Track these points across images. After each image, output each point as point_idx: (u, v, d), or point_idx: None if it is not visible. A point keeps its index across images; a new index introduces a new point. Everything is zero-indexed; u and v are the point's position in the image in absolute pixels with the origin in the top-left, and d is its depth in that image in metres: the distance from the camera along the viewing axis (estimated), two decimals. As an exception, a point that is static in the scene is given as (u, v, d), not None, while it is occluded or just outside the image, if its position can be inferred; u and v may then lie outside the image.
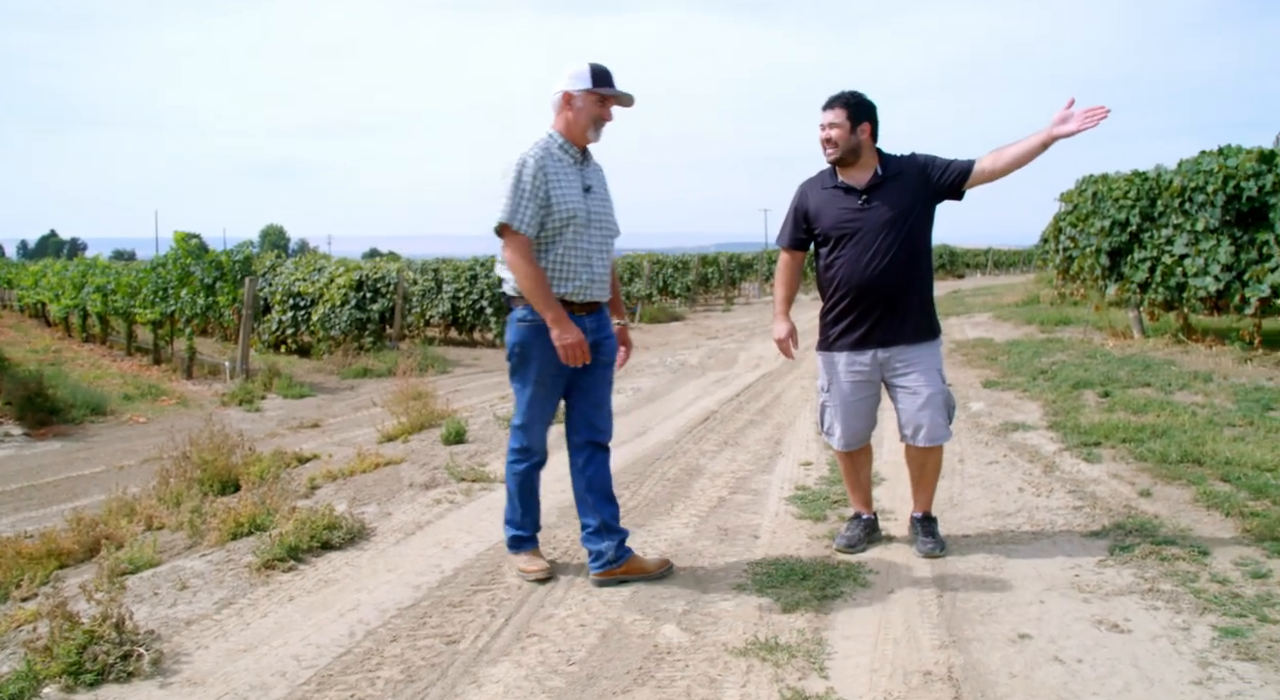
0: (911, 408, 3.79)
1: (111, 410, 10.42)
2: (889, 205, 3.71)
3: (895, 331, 3.77)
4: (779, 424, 6.92)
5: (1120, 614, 3.16)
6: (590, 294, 3.57)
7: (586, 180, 3.58)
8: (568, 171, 3.52)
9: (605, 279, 3.64)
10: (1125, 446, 5.50)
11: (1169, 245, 10.04)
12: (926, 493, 3.97)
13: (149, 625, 3.26)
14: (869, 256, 3.71)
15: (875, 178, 3.76)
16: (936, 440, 3.81)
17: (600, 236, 3.61)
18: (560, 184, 3.47)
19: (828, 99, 3.78)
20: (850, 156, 3.75)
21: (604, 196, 3.67)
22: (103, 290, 16.62)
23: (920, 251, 3.78)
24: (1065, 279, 13.35)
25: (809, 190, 3.91)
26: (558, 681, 2.82)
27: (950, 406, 3.87)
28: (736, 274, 31.10)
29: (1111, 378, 7.93)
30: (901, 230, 3.71)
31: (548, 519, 4.49)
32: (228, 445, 5.99)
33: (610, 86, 3.54)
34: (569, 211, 3.47)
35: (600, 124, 3.57)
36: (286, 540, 4.00)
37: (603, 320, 3.67)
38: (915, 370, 3.77)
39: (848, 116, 3.71)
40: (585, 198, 3.54)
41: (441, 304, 16.96)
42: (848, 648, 2.99)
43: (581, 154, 3.60)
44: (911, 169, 3.77)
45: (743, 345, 13.60)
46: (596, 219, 3.59)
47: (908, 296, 3.75)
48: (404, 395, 7.67)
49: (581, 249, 3.53)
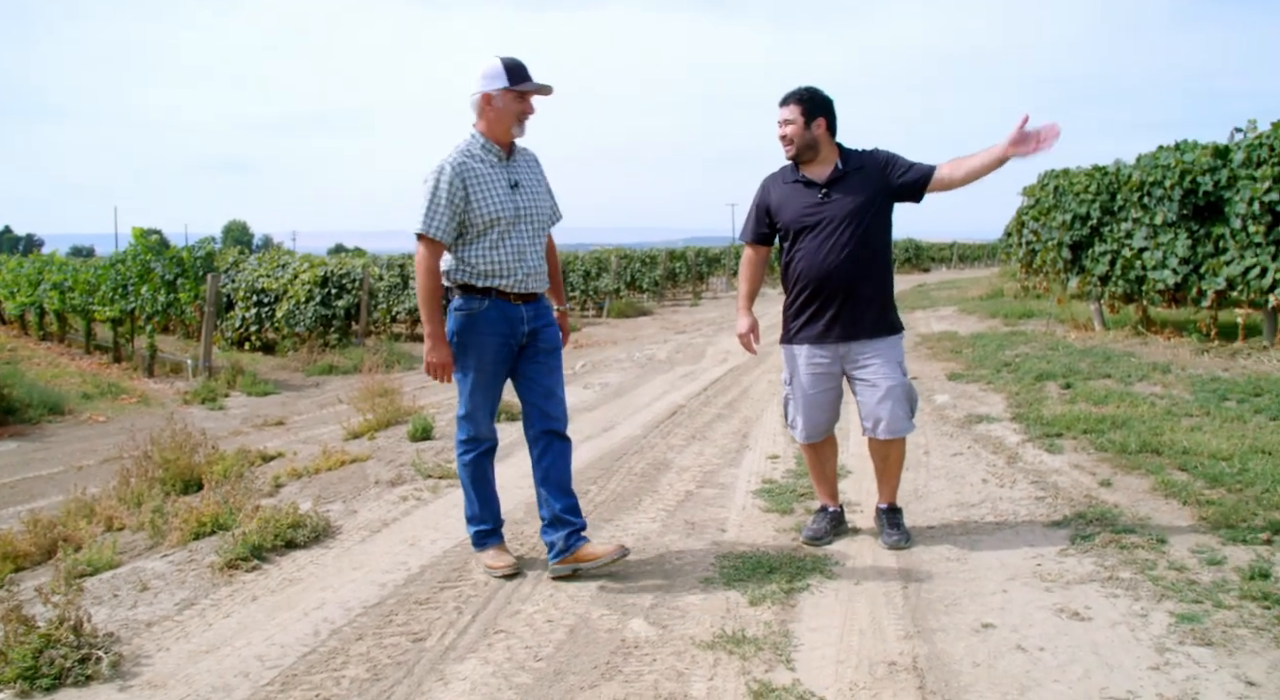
0: (871, 400, 3.82)
1: (70, 409, 10.24)
2: (849, 199, 3.73)
3: (854, 325, 3.79)
4: (746, 418, 6.95)
5: (1081, 602, 3.21)
6: (526, 286, 3.61)
7: (514, 176, 3.60)
8: (491, 172, 3.55)
9: (540, 270, 3.67)
10: (1086, 437, 5.58)
11: (1128, 239, 10.21)
12: (890, 484, 4.00)
13: (108, 627, 3.21)
14: (828, 249, 3.74)
15: (835, 172, 3.78)
16: (897, 433, 3.84)
17: (531, 230, 3.64)
18: (481, 186, 3.51)
19: (783, 96, 3.80)
20: (808, 152, 3.77)
21: (535, 189, 3.67)
22: (60, 287, 16.31)
23: (880, 246, 3.80)
24: (1028, 272, 13.54)
25: (771, 185, 3.93)
26: (525, 678, 2.81)
27: (912, 399, 3.89)
28: (704, 268, 31.19)
29: (1073, 369, 8.05)
30: (861, 224, 3.73)
31: (514, 515, 4.48)
32: (190, 444, 5.91)
33: (526, 81, 3.54)
34: (493, 214, 3.52)
35: (523, 119, 3.58)
36: (250, 539, 3.95)
37: (541, 309, 3.70)
38: (875, 363, 3.80)
39: (801, 112, 3.73)
40: (513, 194, 3.58)
41: (408, 300, 16.83)
42: (814, 639, 3.01)
43: (507, 152, 3.61)
44: (873, 165, 3.78)
45: (710, 340, 13.63)
46: (526, 213, 3.61)
47: (867, 290, 3.77)
48: (370, 392, 7.60)
49: (511, 245, 3.57)
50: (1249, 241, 8.34)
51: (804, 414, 3.93)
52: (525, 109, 3.57)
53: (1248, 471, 4.57)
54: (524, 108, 3.56)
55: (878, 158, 3.80)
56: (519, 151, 3.68)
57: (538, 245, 3.67)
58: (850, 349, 3.81)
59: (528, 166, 3.69)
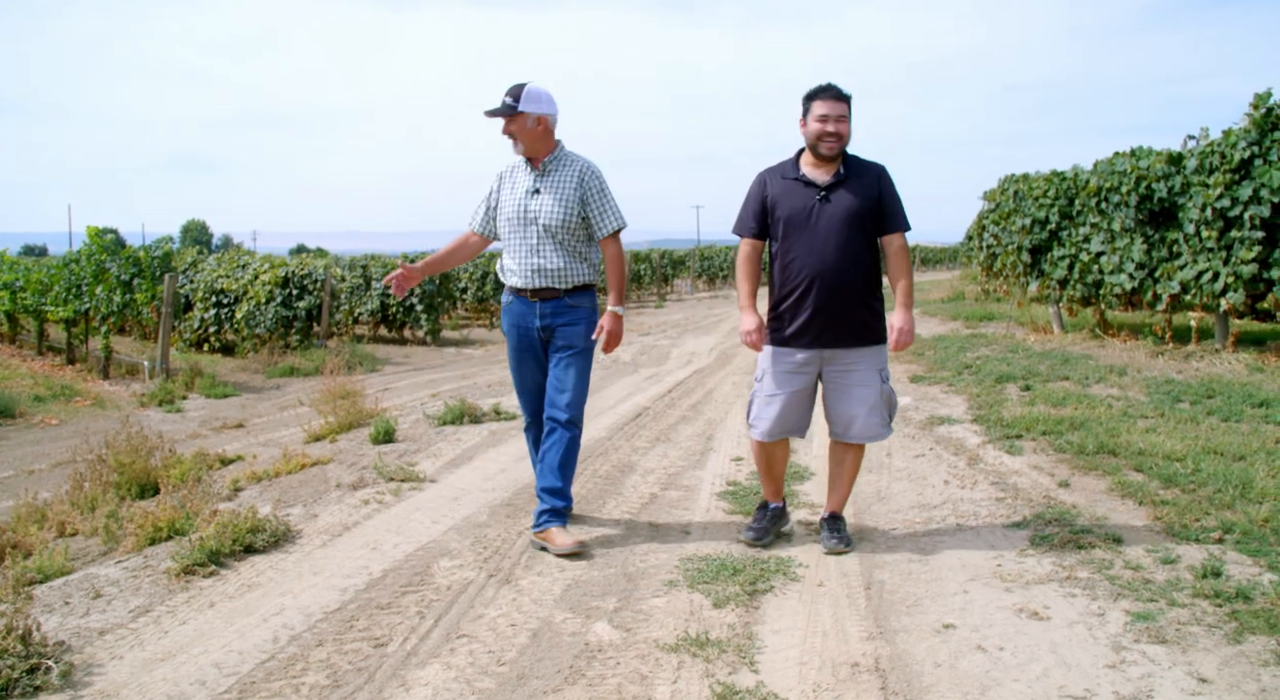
0: (846, 404, 3.81)
1: (21, 412, 10.01)
2: (845, 205, 3.70)
3: (838, 332, 3.75)
4: (710, 420, 6.96)
5: (1040, 602, 3.25)
6: (534, 283, 4.00)
7: (537, 185, 4.02)
8: (521, 179, 4.07)
9: (549, 271, 3.99)
10: (1045, 438, 5.66)
11: (1086, 243, 10.38)
12: (840, 492, 3.98)
13: (59, 636, 3.13)
14: (820, 253, 3.70)
15: (837, 176, 3.74)
16: (870, 438, 3.85)
17: (540, 233, 3.99)
18: (506, 190, 4.09)
19: (829, 88, 3.71)
20: (841, 152, 3.75)
21: (556, 198, 3.99)
22: (10, 287, 15.94)
23: (871, 255, 3.78)
24: (989, 276, 13.73)
25: (769, 178, 3.86)
26: (488, 682, 2.79)
27: (891, 407, 3.89)
28: (669, 271, 31.22)
29: (1032, 372, 8.17)
30: (854, 231, 3.71)
31: (477, 517, 4.46)
32: (146, 447, 5.80)
33: (493, 112, 3.97)
34: (504, 214, 4.07)
35: (513, 141, 4.01)
36: (207, 544, 3.88)
37: (560, 307, 4.01)
38: (857, 369, 3.79)
39: (848, 110, 3.72)
40: (528, 200, 4.01)
41: (370, 301, 16.67)
42: (777, 641, 3.02)
43: (535, 164, 4.04)
44: (870, 176, 3.77)
45: (675, 342, 13.65)
46: (535, 217, 3.99)
47: (854, 298, 3.74)
48: (332, 394, 7.52)
49: (519, 245, 4.03)
50: (1201, 246, 8.52)
51: (773, 414, 3.86)
52: (506, 130, 3.98)
53: (1200, 472, 4.66)
54: (505, 130, 3.98)
55: (874, 173, 3.78)
56: (555, 161, 4.04)
57: (548, 247, 3.99)
58: (835, 354, 3.79)
59: (559, 178, 4.02)
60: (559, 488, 3.96)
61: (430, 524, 4.38)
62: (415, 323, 16.22)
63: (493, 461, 5.67)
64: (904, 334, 3.74)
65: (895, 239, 3.80)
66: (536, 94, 3.95)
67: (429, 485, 5.11)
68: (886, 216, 3.77)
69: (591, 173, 4.04)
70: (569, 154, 4.09)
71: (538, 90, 3.96)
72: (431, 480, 5.21)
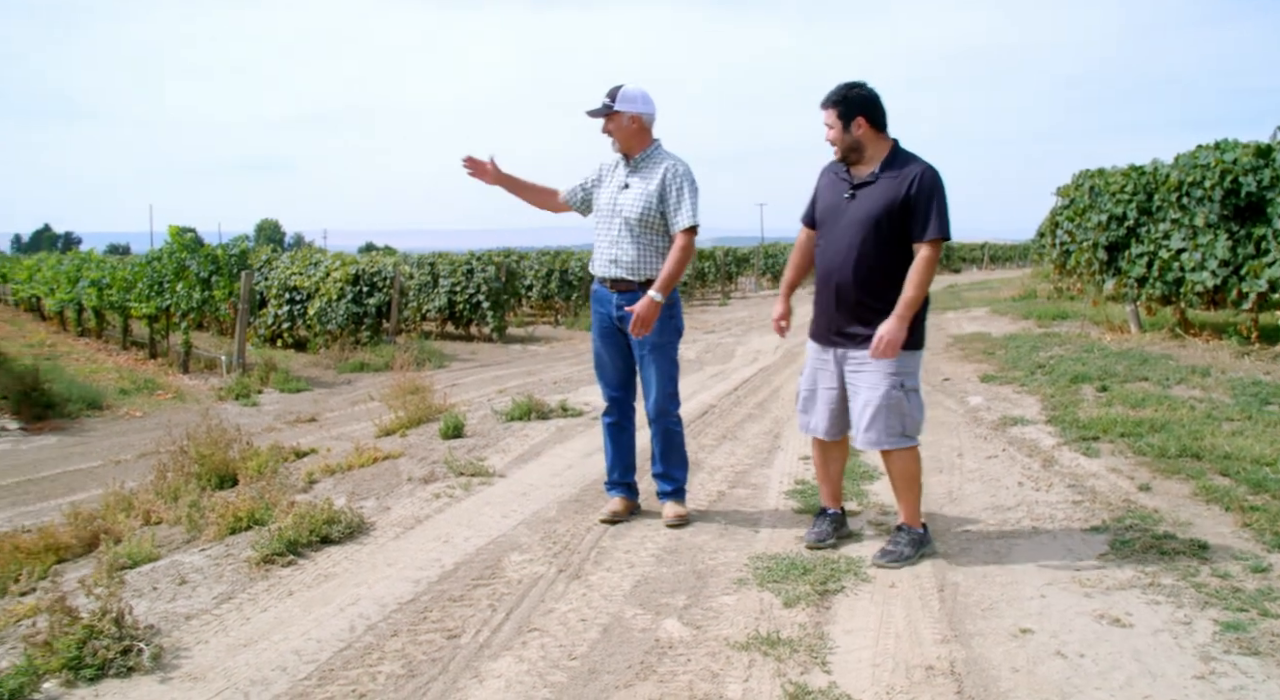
0: (855, 408, 3.72)
1: (107, 404, 10.39)
2: (865, 206, 3.62)
3: (848, 332, 3.69)
4: (777, 418, 6.92)
5: (1121, 608, 3.16)
6: (611, 272, 4.20)
7: (627, 180, 4.19)
8: (617, 173, 4.26)
9: (625, 262, 4.15)
10: (1124, 441, 5.50)
11: (1166, 240, 10.05)
12: (901, 502, 3.81)
13: (148, 620, 3.25)
14: (835, 251, 3.68)
15: (871, 175, 3.66)
16: (873, 446, 3.68)
17: (621, 226, 4.16)
18: (603, 183, 4.30)
19: (821, 98, 3.71)
20: (853, 154, 3.67)
21: (641, 193, 4.13)
22: (98, 284, 16.55)
23: (892, 259, 3.59)
24: (1062, 273, 13.38)
25: (825, 171, 3.86)
26: (559, 676, 2.81)
27: (903, 416, 3.63)
28: (733, 268, 31.10)
29: (1109, 372, 7.94)
30: (870, 232, 3.59)
31: (546, 512, 4.50)
32: (225, 439, 5.97)
33: (593, 111, 4.17)
34: (598, 204, 4.29)
35: (611, 138, 4.19)
36: (285, 535, 3.99)
37: (633, 300, 4.10)
38: (864, 373, 3.66)
39: (838, 115, 3.64)
40: (618, 193, 4.20)
41: (438, 298, 16.92)
42: (849, 642, 2.99)
43: (628, 160, 4.22)
44: (903, 178, 3.57)
45: (740, 339, 13.60)
46: (619, 210, 4.17)
47: (866, 300, 3.62)
48: (401, 389, 7.64)
49: (602, 235, 4.25)
50: (1292, 243, 8.18)
51: (804, 407, 3.90)
52: (605, 129, 4.18)
53: (1292, 477, 4.48)
54: (604, 129, 4.18)
55: (912, 174, 3.57)
56: (648, 159, 4.19)
57: (626, 240, 4.15)
58: (847, 354, 3.71)
59: (646, 173, 4.16)
60: (662, 472, 4.34)
61: (500, 518, 4.44)
62: (481, 320, 16.42)
63: (560, 457, 5.72)
64: (880, 341, 3.50)
65: (920, 248, 3.55)
66: (632, 95, 4.12)
67: (498, 480, 5.17)
68: (912, 222, 3.56)
69: (676, 170, 4.14)
70: (663, 152, 4.22)
71: (633, 91, 4.13)
72: (500, 475, 5.28)
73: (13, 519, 5.80)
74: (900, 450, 3.69)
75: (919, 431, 3.73)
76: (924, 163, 3.61)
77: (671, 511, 4.26)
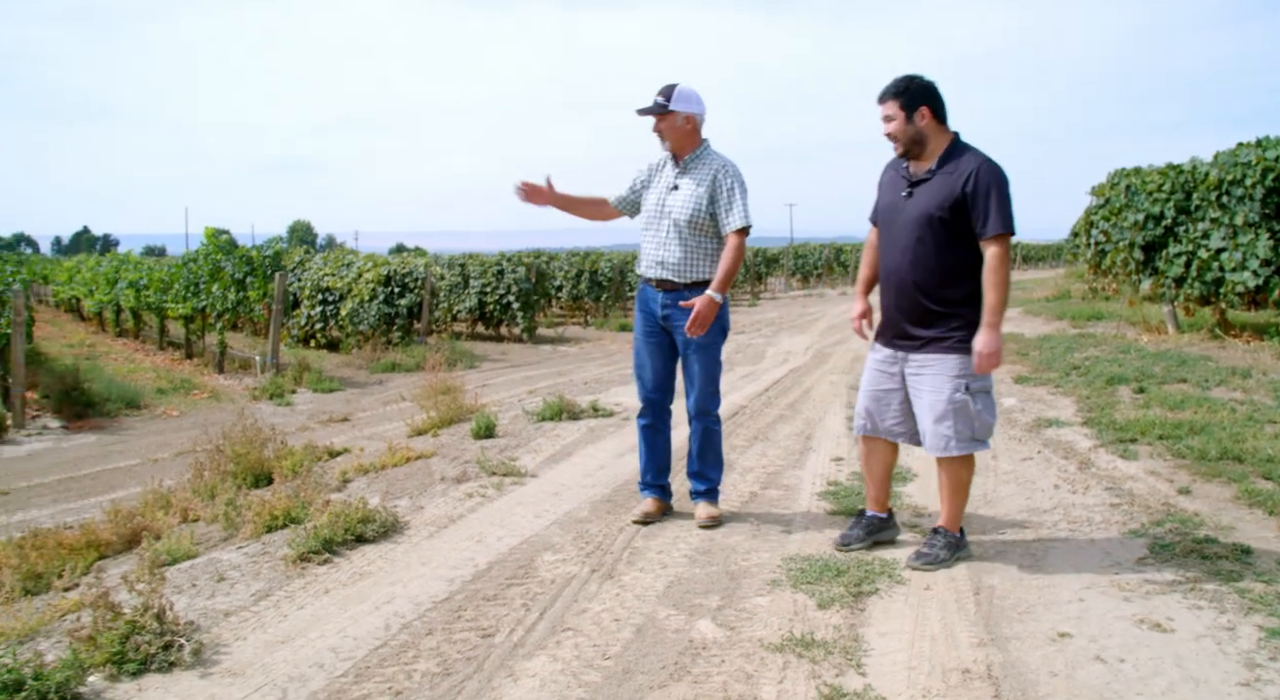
0: (920, 412, 3.65)
1: (145, 404, 10.56)
2: (920, 204, 3.53)
3: (908, 334, 3.62)
4: (809, 419, 6.89)
5: (1162, 613, 3.12)
6: (653, 272, 4.20)
7: (676, 181, 4.18)
8: (666, 174, 4.25)
9: (670, 263, 4.14)
10: (1162, 443, 5.42)
11: (1205, 239, 9.90)
12: (945, 506, 3.73)
13: (188, 616, 3.30)
14: (894, 251, 3.63)
15: (929, 172, 3.55)
16: (939, 451, 3.58)
17: (670, 226, 4.14)
18: (652, 183, 4.29)
19: (880, 90, 3.59)
20: (915, 148, 3.56)
21: (691, 194, 4.12)
22: (135, 286, 16.81)
23: (953, 258, 3.50)
24: (1097, 274, 13.21)
25: (886, 167, 3.78)
26: (593, 676, 2.82)
27: (970, 419, 3.53)
28: (762, 269, 31.00)
29: (1146, 373, 7.83)
30: (926, 231, 3.50)
31: (578, 512, 4.51)
32: (260, 439, 6.04)
33: (644, 110, 4.13)
34: (646, 205, 4.28)
35: (660, 137, 4.17)
36: (321, 533, 4.03)
37: (679, 300, 4.11)
38: (925, 376, 3.58)
39: (900, 106, 3.51)
40: (666, 193, 4.19)
41: (469, 299, 17.02)
42: (884, 645, 2.97)
43: (677, 160, 4.21)
44: (959, 174, 3.46)
45: (770, 340, 13.55)
46: (669, 212, 4.15)
47: (921, 301, 3.55)
48: (432, 389, 7.70)
49: (650, 236, 4.22)
50: (1335, 242, 8.03)
51: (861, 407, 3.83)
52: (656, 128, 4.14)
53: (1337, 481, 4.39)
54: (655, 128, 4.15)
55: (968, 169, 3.45)
56: (697, 160, 4.18)
57: (673, 241, 4.14)
58: (908, 357, 3.64)
59: (695, 174, 4.15)
60: (699, 471, 4.34)
61: (532, 518, 4.45)
62: (511, 320, 16.50)
63: (592, 458, 5.73)
64: (981, 358, 3.43)
65: (986, 246, 3.43)
66: (686, 94, 4.10)
67: (530, 480, 5.19)
68: (973, 219, 3.44)
69: (726, 171, 4.14)
70: (712, 152, 4.21)
71: (687, 90, 4.11)
72: (532, 475, 5.30)
73: (55, 515, 5.91)
74: (958, 456, 3.60)
75: (989, 434, 3.62)
76: (982, 156, 3.50)
77: (704, 513, 4.26)
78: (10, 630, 3.32)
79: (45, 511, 6.13)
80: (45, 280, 31.01)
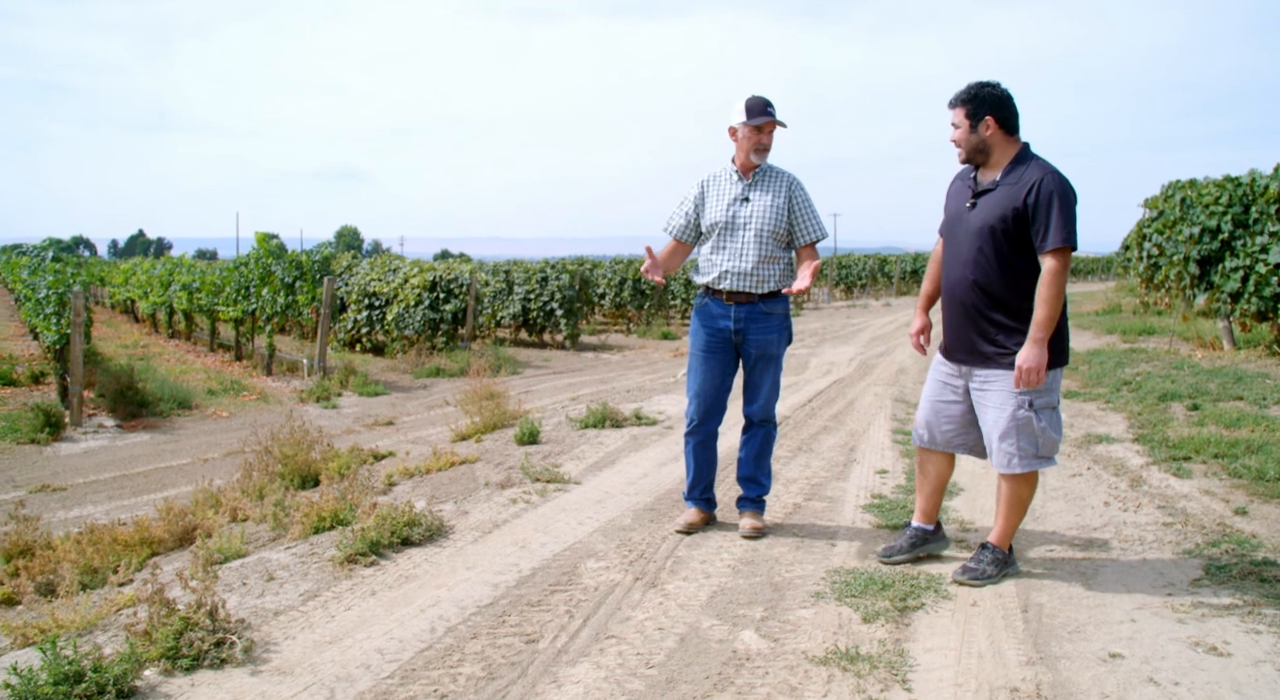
0: (985, 428, 3.60)
1: (196, 404, 10.78)
2: (983, 215, 3.48)
3: (971, 349, 3.57)
4: (853, 431, 6.84)
5: (1218, 636, 3.04)
6: (725, 283, 4.16)
7: (745, 194, 4.19)
8: (728, 187, 4.23)
9: (745, 272, 4.13)
10: (1218, 462, 5.30)
11: (1264, 253, 9.67)
12: (999, 521, 3.67)
13: (239, 614, 3.36)
14: (957, 263, 3.59)
15: (991, 183, 3.51)
16: (1004, 468, 3.53)
17: (746, 238, 4.14)
18: (714, 197, 4.24)
19: (951, 96, 3.57)
20: (979, 156, 3.53)
21: (766, 205, 4.15)
22: (188, 288, 17.19)
23: (1012, 274, 3.45)
24: (1149, 288, 12.95)
25: (955, 178, 3.75)
26: (637, 684, 2.82)
27: (1035, 436, 3.47)
28: (805, 279, 30.83)
29: (1201, 390, 7.66)
30: (987, 243, 3.46)
31: (621, 520, 4.52)
32: (307, 441, 6.14)
33: (761, 116, 4.08)
34: (711, 220, 4.21)
35: (760, 149, 4.14)
36: (368, 535, 4.08)
37: (754, 313, 4.16)
38: (989, 392, 3.53)
39: (966, 115, 3.49)
40: (737, 207, 4.18)
41: (512, 305, 17.16)
42: (930, 660, 2.94)
43: (746, 173, 4.22)
44: (1022, 185, 3.41)
45: (814, 351, 13.47)
46: (745, 223, 4.15)
47: (987, 315, 3.49)
48: (476, 395, 7.77)
49: (721, 248, 4.18)
50: (1401, 258, 7.80)
51: (921, 417, 3.80)
52: (760, 140, 4.12)
53: (1402, 504, 4.26)
54: (760, 139, 4.12)
55: (1031, 180, 3.39)
56: (764, 173, 4.22)
57: (750, 253, 4.13)
58: (972, 371, 3.60)
59: (767, 186, 4.19)
60: (752, 475, 4.34)
61: (576, 525, 4.47)
62: (555, 327, 16.59)
63: (635, 466, 5.74)
64: (1020, 372, 3.36)
65: (1044, 259, 3.36)
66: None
67: (573, 487, 5.21)
68: (1033, 231, 3.38)
69: (799, 185, 4.24)
70: (774, 166, 4.28)
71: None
72: (576, 482, 5.32)
73: (110, 512, 6.05)
74: (1021, 472, 3.54)
75: (1055, 451, 3.54)
76: (1048, 167, 3.43)
77: (749, 524, 4.25)
78: (70, 622, 3.41)
79: (101, 508, 6.28)
80: (102, 282, 31.82)
